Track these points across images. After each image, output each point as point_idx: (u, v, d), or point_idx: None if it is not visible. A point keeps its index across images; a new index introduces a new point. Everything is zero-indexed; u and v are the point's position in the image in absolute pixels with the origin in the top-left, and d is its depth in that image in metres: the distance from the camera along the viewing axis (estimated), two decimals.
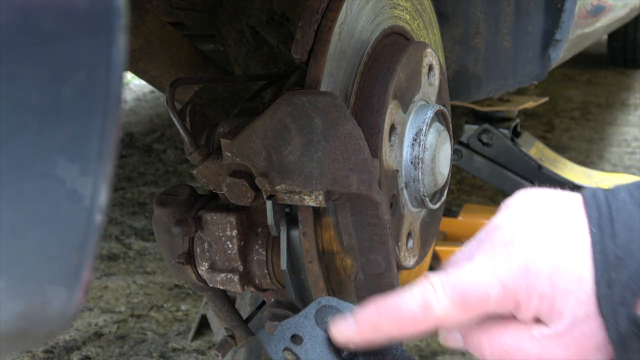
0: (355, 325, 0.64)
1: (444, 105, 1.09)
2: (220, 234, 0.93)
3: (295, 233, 0.89)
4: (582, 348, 0.60)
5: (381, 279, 0.90)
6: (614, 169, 3.26)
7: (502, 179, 2.06)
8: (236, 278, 0.93)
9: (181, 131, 0.90)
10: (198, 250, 0.96)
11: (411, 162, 0.98)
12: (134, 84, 4.83)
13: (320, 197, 0.83)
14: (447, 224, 2.25)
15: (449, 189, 1.10)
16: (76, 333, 1.99)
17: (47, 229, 0.42)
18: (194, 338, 1.93)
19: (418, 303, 0.61)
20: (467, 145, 2.07)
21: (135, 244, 2.54)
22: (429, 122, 0.98)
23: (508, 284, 0.60)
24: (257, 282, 0.96)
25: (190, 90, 1.17)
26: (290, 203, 0.85)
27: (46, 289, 0.44)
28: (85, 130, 0.42)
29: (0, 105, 0.38)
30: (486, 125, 2.05)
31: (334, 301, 0.68)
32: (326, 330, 0.66)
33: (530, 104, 2.05)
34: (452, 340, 0.68)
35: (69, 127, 0.41)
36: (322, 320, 0.67)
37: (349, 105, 0.93)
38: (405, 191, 0.99)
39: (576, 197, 0.64)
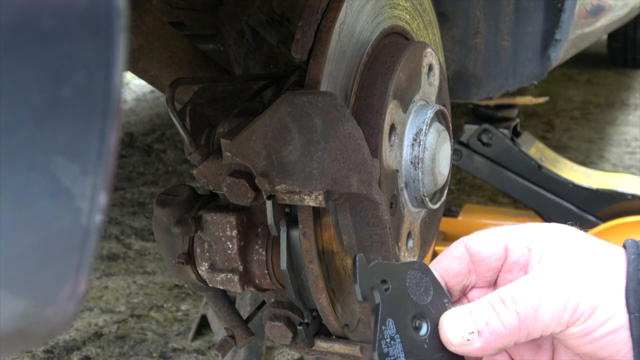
0: (480, 342, 0.65)
1: (444, 105, 1.09)
2: (220, 234, 0.93)
3: (295, 233, 0.89)
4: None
5: None
6: (614, 169, 3.26)
7: (502, 179, 2.06)
8: (236, 278, 0.93)
9: (181, 131, 0.90)
10: (198, 250, 0.96)
11: (411, 162, 0.98)
12: (134, 84, 4.83)
13: (320, 197, 0.83)
14: (447, 224, 2.25)
15: (449, 189, 1.10)
16: (76, 333, 1.99)
17: (46, 228, 0.42)
18: (194, 338, 1.93)
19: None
20: (467, 145, 2.07)
21: (135, 244, 2.54)
22: (429, 122, 0.98)
23: None
24: (257, 282, 0.96)
25: (190, 90, 1.17)
26: (290, 203, 0.85)
27: (46, 289, 0.44)
28: (85, 130, 0.42)
29: (0, 105, 0.38)
30: (486, 125, 2.05)
31: (429, 274, 0.70)
32: (411, 294, 0.68)
33: (529, 98, 2.06)
34: None
35: (68, 127, 0.41)
36: (413, 285, 0.68)
37: (349, 105, 0.93)
38: (405, 191, 0.99)
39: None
